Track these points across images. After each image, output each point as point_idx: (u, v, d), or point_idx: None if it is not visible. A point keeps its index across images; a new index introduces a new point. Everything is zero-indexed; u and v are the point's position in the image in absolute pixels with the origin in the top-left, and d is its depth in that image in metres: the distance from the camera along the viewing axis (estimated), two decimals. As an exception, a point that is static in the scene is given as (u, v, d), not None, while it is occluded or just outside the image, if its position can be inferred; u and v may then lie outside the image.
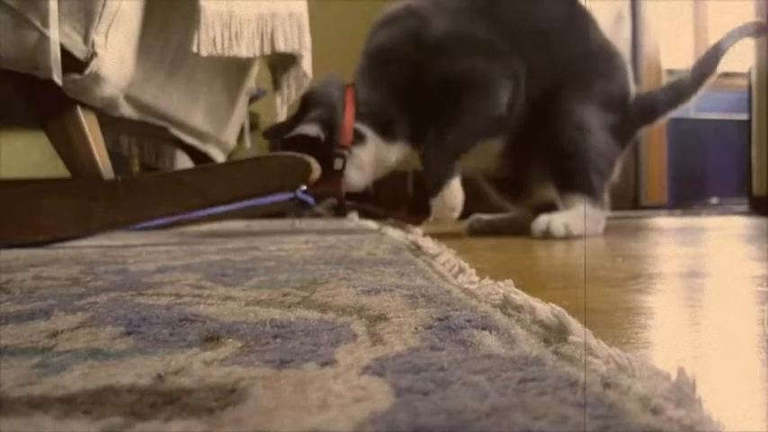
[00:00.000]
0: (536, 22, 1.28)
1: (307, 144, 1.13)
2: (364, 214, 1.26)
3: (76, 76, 0.86)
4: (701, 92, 1.35)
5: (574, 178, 1.23)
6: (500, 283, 0.40)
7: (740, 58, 2.77)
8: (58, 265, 0.62)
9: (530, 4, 1.29)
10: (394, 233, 1.05)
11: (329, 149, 1.18)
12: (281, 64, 1.36)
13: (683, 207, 2.82)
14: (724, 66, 1.33)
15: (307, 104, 1.24)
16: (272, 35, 1.17)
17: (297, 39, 1.23)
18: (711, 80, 1.33)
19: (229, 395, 0.20)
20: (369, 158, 1.22)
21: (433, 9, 1.27)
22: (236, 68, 1.43)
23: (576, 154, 1.22)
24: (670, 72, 3.11)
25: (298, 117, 1.23)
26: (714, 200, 2.95)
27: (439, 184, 1.20)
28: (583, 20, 1.33)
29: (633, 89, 1.35)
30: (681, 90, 1.37)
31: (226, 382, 0.21)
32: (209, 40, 1.03)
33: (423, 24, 1.25)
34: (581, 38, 1.29)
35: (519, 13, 1.27)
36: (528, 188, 1.38)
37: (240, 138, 1.71)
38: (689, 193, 2.97)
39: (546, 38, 1.26)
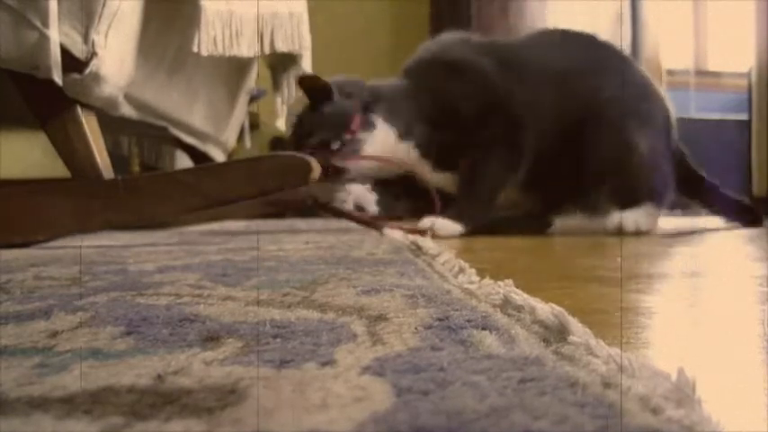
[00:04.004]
0: (561, 64, 1.38)
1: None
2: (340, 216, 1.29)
3: (76, 76, 0.86)
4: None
5: (628, 194, 1.34)
6: (500, 283, 0.40)
7: (740, 58, 2.77)
8: (58, 265, 0.62)
9: (555, 48, 1.42)
10: (393, 233, 1.05)
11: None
12: (281, 64, 1.36)
13: (683, 207, 2.81)
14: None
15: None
16: (272, 35, 1.17)
17: (297, 39, 1.23)
18: None
19: (229, 395, 0.20)
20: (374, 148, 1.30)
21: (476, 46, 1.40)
22: (236, 68, 1.42)
23: (625, 172, 1.33)
24: (670, 72, 3.11)
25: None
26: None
27: (469, 225, 1.28)
28: (612, 59, 1.45)
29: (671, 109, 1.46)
30: None
31: (226, 383, 0.21)
32: (209, 40, 1.03)
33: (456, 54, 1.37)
34: (611, 74, 1.39)
35: (545, 57, 1.39)
36: (545, 199, 1.44)
37: (240, 138, 1.71)
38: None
39: (572, 77, 1.36)
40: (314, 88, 1.30)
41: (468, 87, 1.33)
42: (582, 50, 1.42)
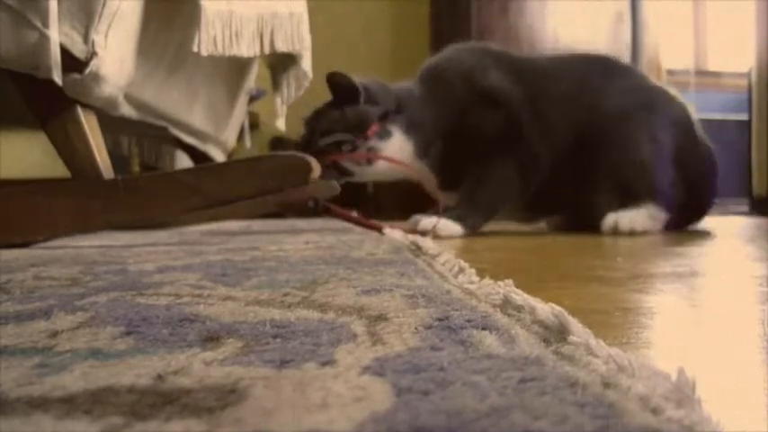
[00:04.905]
0: (579, 94, 1.41)
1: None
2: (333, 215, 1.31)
3: (76, 76, 0.86)
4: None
5: (629, 196, 1.35)
6: (500, 283, 0.40)
7: (740, 58, 2.77)
8: (58, 265, 0.62)
9: (576, 76, 1.44)
10: (394, 233, 1.05)
11: None
12: (281, 64, 1.36)
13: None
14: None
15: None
16: (272, 35, 1.17)
17: (297, 39, 1.23)
18: None
19: (229, 395, 0.20)
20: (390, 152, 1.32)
21: (493, 57, 1.43)
22: (236, 68, 1.42)
23: (624, 176, 1.35)
24: (670, 72, 3.11)
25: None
26: (714, 200, 2.94)
27: (470, 228, 1.30)
28: (612, 71, 1.47)
29: (690, 112, 1.47)
30: None
31: (226, 382, 0.21)
32: (209, 40, 1.03)
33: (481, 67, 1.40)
34: (613, 86, 1.42)
35: (567, 87, 1.41)
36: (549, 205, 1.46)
37: (240, 138, 1.71)
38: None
39: (586, 106, 1.39)
40: (341, 86, 1.29)
41: (497, 118, 1.34)
42: (600, 78, 1.44)
